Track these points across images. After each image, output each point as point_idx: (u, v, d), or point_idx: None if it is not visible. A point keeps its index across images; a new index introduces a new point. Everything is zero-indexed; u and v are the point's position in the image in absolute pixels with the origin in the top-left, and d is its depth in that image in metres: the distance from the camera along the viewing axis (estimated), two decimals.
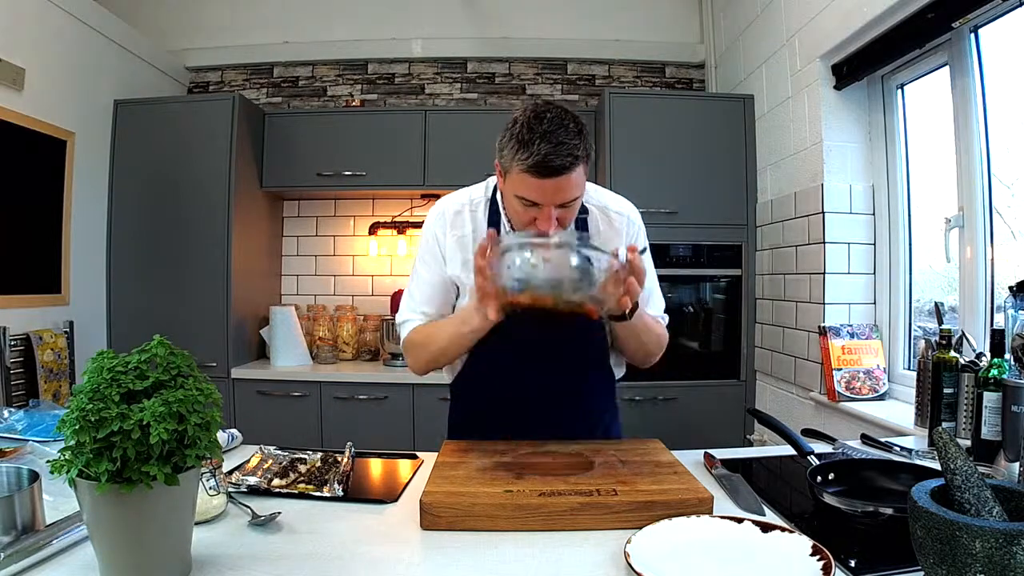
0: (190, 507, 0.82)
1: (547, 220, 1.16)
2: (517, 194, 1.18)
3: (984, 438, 1.27)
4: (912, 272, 2.23)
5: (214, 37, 3.53)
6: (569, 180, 1.14)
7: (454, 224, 1.35)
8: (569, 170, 1.13)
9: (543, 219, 1.16)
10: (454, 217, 1.36)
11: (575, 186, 1.16)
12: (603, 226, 1.36)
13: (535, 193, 1.15)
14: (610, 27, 3.48)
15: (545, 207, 1.16)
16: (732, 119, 2.86)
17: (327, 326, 3.23)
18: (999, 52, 1.80)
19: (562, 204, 1.17)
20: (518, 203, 1.19)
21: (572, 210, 1.22)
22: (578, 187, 1.17)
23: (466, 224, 1.35)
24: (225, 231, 2.86)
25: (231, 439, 1.41)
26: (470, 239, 1.33)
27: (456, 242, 1.34)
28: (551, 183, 1.13)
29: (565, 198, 1.16)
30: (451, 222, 1.35)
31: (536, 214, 1.17)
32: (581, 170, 1.16)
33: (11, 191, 2.45)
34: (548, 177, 1.12)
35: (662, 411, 2.78)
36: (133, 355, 0.80)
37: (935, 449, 0.80)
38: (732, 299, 2.87)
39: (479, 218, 1.35)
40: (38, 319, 2.56)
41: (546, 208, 1.16)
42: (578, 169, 1.15)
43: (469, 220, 1.35)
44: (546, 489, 1.02)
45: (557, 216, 1.17)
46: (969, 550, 0.65)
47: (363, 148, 3.06)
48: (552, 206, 1.16)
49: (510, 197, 1.22)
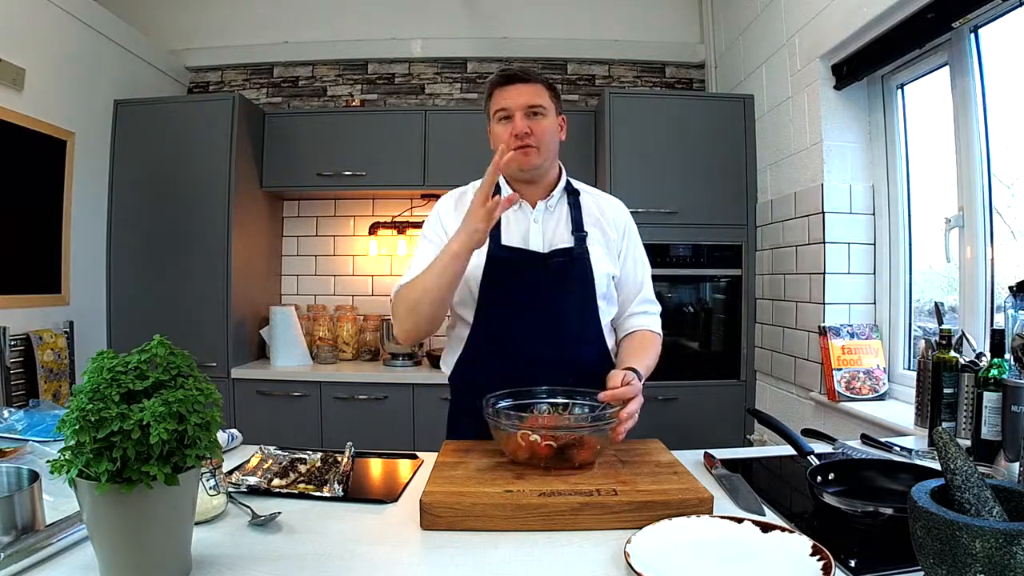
0: (190, 507, 0.82)
1: (520, 123, 1.36)
2: (494, 110, 1.40)
3: (984, 438, 1.27)
4: (912, 272, 2.23)
5: (214, 37, 3.53)
6: (530, 87, 1.38)
7: (459, 203, 1.48)
8: (529, 79, 1.40)
9: (516, 124, 1.36)
10: (459, 197, 1.50)
11: (537, 94, 1.38)
12: (594, 208, 1.49)
13: (503, 99, 1.38)
14: (610, 27, 3.48)
15: (516, 113, 1.37)
16: (732, 119, 2.86)
17: (327, 326, 3.23)
18: (999, 52, 1.80)
19: (530, 113, 1.37)
20: (498, 126, 1.40)
21: (541, 123, 1.38)
22: (541, 97, 1.39)
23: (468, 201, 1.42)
24: (225, 231, 2.86)
25: (231, 439, 1.41)
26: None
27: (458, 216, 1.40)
28: (514, 88, 1.38)
29: (530, 101, 1.37)
30: (456, 201, 1.49)
31: (511, 126, 1.37)
32: (543, 89, 1.40)
33: (11, 191, 2.45)
34: (511, 83, 1.39)
35: (662, 411, 2.78)
36: (133, 355, 0.80)
37: (935, 449, 0.80)
38: (732, 299, 2.87)
39: None
40: (38, 319, 2.56)
41: (516, 114, 1.37)
42: (539, 85, 1.40)
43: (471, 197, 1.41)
44: (546, 489, 1.02)
45: (529, 126, 1.36)
46: (969, 550, 0.65)
47: (363, 148, 3.06)
48: (520, 112, 1.37)
49: (494, 129, 1.42)
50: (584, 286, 1.40)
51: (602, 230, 1.46)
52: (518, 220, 1.44)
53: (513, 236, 1.42)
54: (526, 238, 1.42)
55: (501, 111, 1.39)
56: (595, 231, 1.45)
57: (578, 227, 1.43)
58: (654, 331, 1.50)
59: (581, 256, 1.40)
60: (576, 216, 1.45)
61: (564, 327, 1.40)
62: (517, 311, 1.38)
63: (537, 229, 1.42)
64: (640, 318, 1.50)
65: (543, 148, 1.38)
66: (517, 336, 1.38)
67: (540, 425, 1.13)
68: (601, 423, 1.14)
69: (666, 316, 1.50)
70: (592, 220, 1.46)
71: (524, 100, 1.37)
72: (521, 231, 1.43)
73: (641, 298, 1.50)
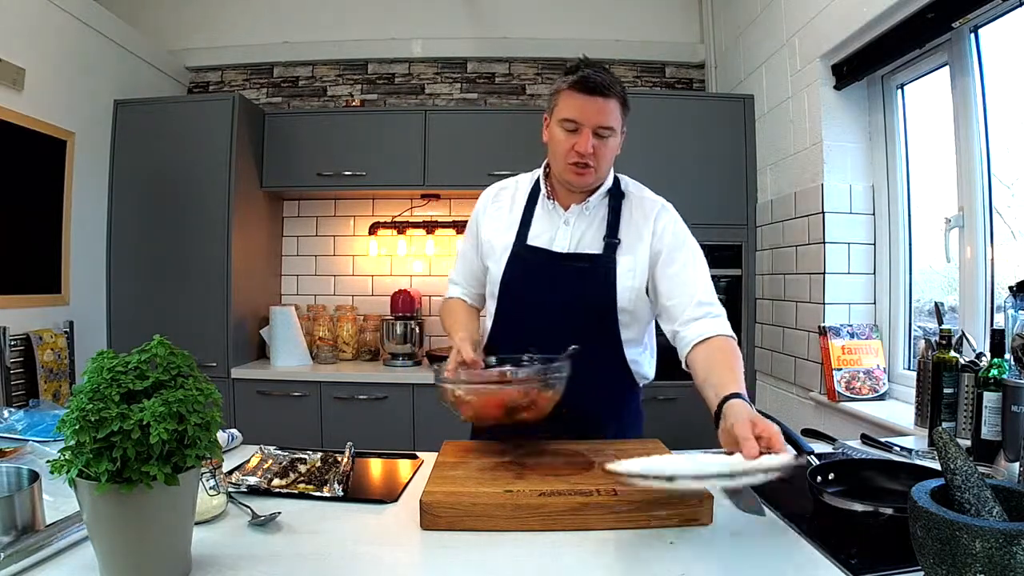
0: (190, 507, 0.82)
1: (585, 143, 1.28)
2: (561, 117, 1.31)
3: (984, 438, 1.27)
4: (912, 272, 2.23)
5: (214, 37, 3.53)
6: (608, 104, 1.29)
7: (497, 198, 1.50)
8: (608, 91, 1.29)
9: (581, 143, 1.28)
10: (498, 192, 1.51)
11: (612, 114, 1.30)
12: (635, 212, 1.41)
13: (576, 111, 1.29)
14: (610, 27, 3.48)
15: (584, 129, 1.29)
16: (732, 119, 2.86)
17: (327, 326, 3.23)
18: (999, 52, 1.80)
19: (599, 132, 1.30)
20: (560, 131, 1.32)
21: (607, 145, 1.32)
22: (614, 117, 1.31)
23: (507, 193, 1.49)
24: (225, 231, 2.86)
25: (231, 439, 1.41)
26: (507, 206, 1.47)
27: (495, 211, 1.48)
28: (591, 101, 1.28)
29: (602, 121, 1.29)
30: (494, 197, 1.50)
31: (576, 140, 1.29)
32: (618, 106, 1.31)
33: (11, 191, 2.45)
34: (589, 94, 1.28)
35: (662, 411, 2.78)
36: (133, 355, 0.80)
37: (935, 449, 0.80)
38: (732, 299, 2.87)
39: (521, 189, 1.48)
40: (38, 319, 2.56)
41: (585, 130, 1.29)
42: (615, 101, 1.30)
43: (512, 191, 1.49)
44: (546, 489, 1.02)
45: (594, 146, 1.29)
46: (969, 550, 0.65)
47: (363, 148, 3.06)
48: (590, 128, 1.29)
49: (554, 132, 1.34)
50: (604, 292, 1.35)
51: (638, 237, 1.38)
52: (550, 220, 1.42)
53: (540, 236, 1.41)
54: (552, 239, 1.40)
55: (570, 122, 1.30)
56: (629, 239, 1.38)
57: (612, 233, 1.38)
58: (726, 335, 1.28)
59: (606, 263, 1.36)
60: (613, 221, 1.39)
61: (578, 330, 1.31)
62: (531, 309, 1.37)
63: (566, 231, 1.40)
64: (703, 323, 1.28)
65: (600, 169, 1.34)
66: (530, 333, 1.33)
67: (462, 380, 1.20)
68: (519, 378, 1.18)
69: None
70: (630, 227, 1.39)
71: (598, 120, 1.29)
72: (549, 232, 1.41)
73: (698, 301, 1.31)
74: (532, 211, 1.43)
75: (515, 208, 1.45)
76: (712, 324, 1.28)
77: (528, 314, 1.37)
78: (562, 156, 1.33)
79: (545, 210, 1.42)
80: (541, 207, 1.43)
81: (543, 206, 1.43)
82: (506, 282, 1.39)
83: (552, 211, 1.42)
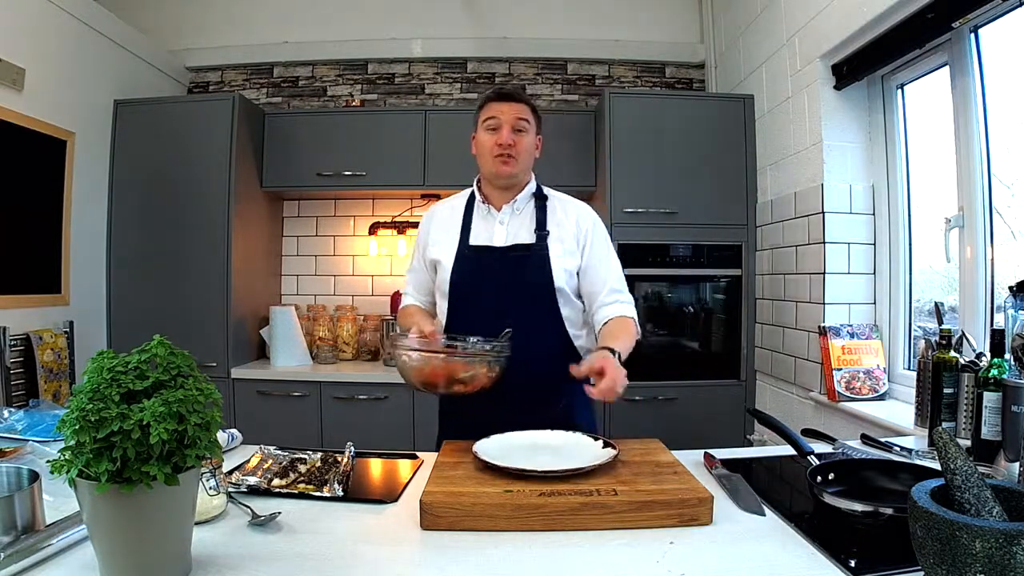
0: (190, 507, 0.82)
1: (506, 134, 1.54)
2: (484, 118, 1.58)
3: (984, 438, 1.27)
4: (912, 272, 2.23)
5: (214, 37, 3.53)
6: (521, 106, 1.57)
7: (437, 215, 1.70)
8: (519, 97, 1.58)
9: (503, 135, 1.54)
10: (437, 210, 1.72)
11: (524, 113, 1.57)
12: (559, 210, 1.63)
13: (495, 110, 1.56)
14: (610, 27, 3.48)
15: (503, 125, 1.55)
16: (732, 119, 2.86)
17: (327, 326, 3.23)
18: (999, 52, 1.80)
19: (516, 126, 1.55)
20: (485, 133, 1.58)
21: (523, 139, 1.57)
22: (526, 115, 1.57)
23: (444, 209, 1.70)
24: (225, 231, 2.86)
25: (231, 439, 1.41)
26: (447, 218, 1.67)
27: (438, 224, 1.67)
28: (506, 104, 1.56)
29: (518, 114, 1.56)
30: (433, 215, 1.71)
31: (498, 136, 1.54)
32: (528, 110, 1.58)
33: (11, 191, 2.45)
34: (505, 100, 1.57)
35: (662, 411, 2.78)
36: (133, 355, 0.80)
37: (935, 449, 0.80)
38: (732, 299, 2.87)
39: (457, 204, 1.68)
40: (38, 319, 2.56)
41: (504, 125, 1.55)
42: (526, 106, 1.58)
43: (448, 206, 1.70)
44: (546, 489, 1.02)
45: (513, 139, 1.54)
46: (969, 550, 0.65)
47: (363, 148, 3.06)
48: (508, 124, 1.55)
49: (480, 136, 1.60)
50: (542, 275, 1.55)
51: (564, 229, 1.60)
52: (486, 223, 1.62)
53: (480, 236, 1.61)
54: (491, 237, 1.60)
55: (491, 119, 1.56)
56: (557, 230, 1.60)
57: (541, 227, 1.59)
58: (627, 316, 1.57)
59: (540, 251, 1.56)
60: (541, 218, 1.61)
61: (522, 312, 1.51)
62: (479, 297, 1.55)
63: (502, 229, 1.60)
64: (612, 307, 1.58)
65: (520, 160, 1.57)
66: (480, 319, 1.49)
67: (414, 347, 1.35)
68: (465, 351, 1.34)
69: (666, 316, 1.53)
70: (555, 221, 1.61)
71: (514, 114, 1.56)
72: (487, 232, 1.61)
73: (610, 288, 1.59)
74: (470, 217, 1.64)
75: (455, 218, 1.65)
76: (618, 308, 1.58)
77: (477, 302, 1.55)
78: (488, 152, 1.57)
79: (481, 215, 1.63)
80: (477, 213, 1.64)
81: (479, 212, 1.64)
82: (455, 279, 1.58)
83: (487, 215, 1.63)
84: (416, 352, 1.35)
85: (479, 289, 1.56)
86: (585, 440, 1.28)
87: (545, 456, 1.19)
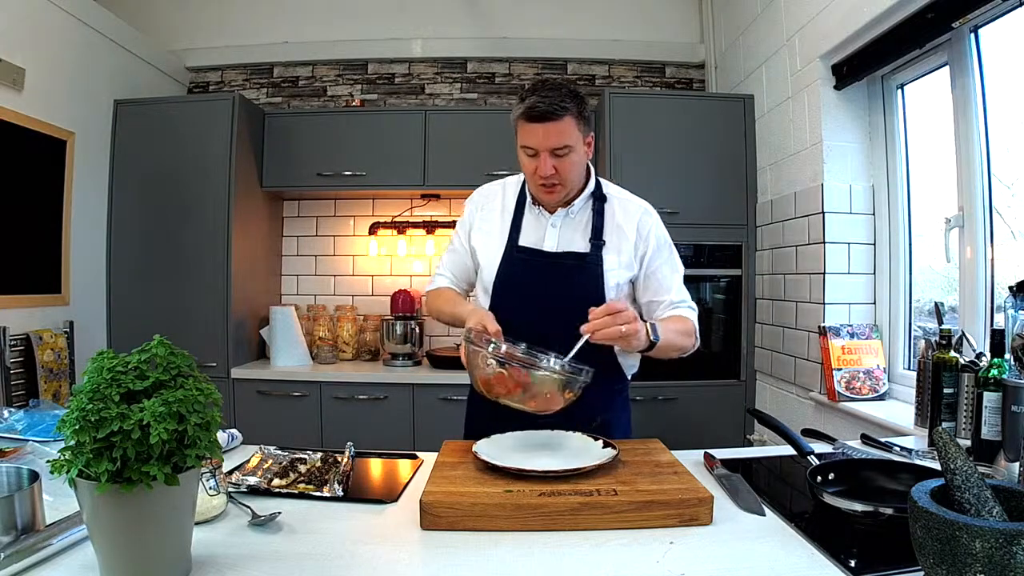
0: (190, 507, 0.82)
1: (544, 166, 1.37)
2: (521, 144, 1.40)
3: (984, 438, 1.27)
4: (912, 272, 2.23)
5: (214, 37, 3.53)
6: (559, 125, 1.34)
7: (486, 204, 1.57)
8: (554, 116, 1.33)
9: (541, 167, 1.37)
10: (487, 197, 1.58)
11: (562, 134, 1.35)
12: (619, 214, 1.50)
13: (530, 138, 1.37)
14: (610, 27, 3.48)
15: (541, 154, 1.37)
16: (732, 119, 2.86)
17: (327, 326, 3.22)
18: (999, 52, 1.80)
19: (556, 153, 1.36)
20: (524, 156, 1.41)
21: (567, 161, 1.39)
22: (566, 136, 1.36)
23: (496, 199, 1.57)
24: (225, 231, 2.86)
25: (231, 439, 1.41)
26: (498, 211, 1.55)
27: (487, 214, 1.55)
28: (540, 128, 1.35)
29: (556, 143, 1.36)
30: (483, 203, 1.58)
31: (537, 164, 1.38)
32: (572, 122, 1.36)
33: (11, 191, 2.45)
34: (537, 122, 1.34)
35: (662, 411, 2.78)
36: (133, 355, 0.80)
37: (935, 449, 0.80)
38: (732, 299, 2.87)
39: (508, 195, 1.56)
40: (38, 319, 2.56)
41: (542, 155, 1.37)
42: (566, 119, 1.35)
43: (500, 197, 1.57)
44: (546, 489, 1.02)
45: (554, 165, 1.37)
46: (969, 550, 0.65)
47: (363, 148, 3.06)
48: (546, 152, 1.36)
49: (520, 155, 1.43)
50: (592, 288, 1.44)
51: (623, 238, 1.48)
52: (537, 225, 1.50)
53: (529, 237, 1.50)
54: (541, 240, 1.49)
55: (527, 148, 1.39)
56: (615, 239, 1.48)
57: (597, 235, 1.47)
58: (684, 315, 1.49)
59: (593, 262, 1.45)
60: (598, 224, 1.48)
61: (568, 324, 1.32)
62: (524, 304, 1.44)
63: (553, 233, 1.49)
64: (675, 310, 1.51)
65: (567, 183, 1.43)
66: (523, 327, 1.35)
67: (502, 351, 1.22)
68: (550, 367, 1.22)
69: None
70: (614, 227, 1.49)
71: (551, 143, 1.36)
72: (537, 235, 1.49)
73: (669, 301, 1.50)
74: (521, 215, 1.52)
75: (505, 213, 1.53)
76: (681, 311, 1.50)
77: (521, 309, 1.44)
78: (530, 177, 1.44)
79: (532, 215, 1.52)
80: (529, 212, 1.52)
81: (530, 211, 1.52)
82: (500, 280, 1.48)
83: (539, 215, 1.51)
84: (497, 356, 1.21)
85: (523, 294, 1.46)
86: (585, 440, 1.28)
87: (545, 456, 1.19)
